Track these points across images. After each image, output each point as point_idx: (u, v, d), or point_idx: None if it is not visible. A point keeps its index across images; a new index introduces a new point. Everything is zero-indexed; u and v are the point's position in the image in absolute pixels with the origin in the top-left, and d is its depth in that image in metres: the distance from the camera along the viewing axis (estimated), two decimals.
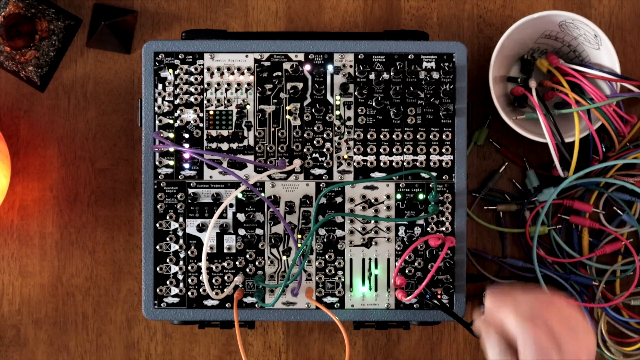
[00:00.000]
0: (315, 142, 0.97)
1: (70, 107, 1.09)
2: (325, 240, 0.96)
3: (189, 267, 0.96)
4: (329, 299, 0.97)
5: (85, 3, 1.09)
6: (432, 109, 0.96)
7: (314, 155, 0.97)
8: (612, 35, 1.09)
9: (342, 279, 0.96)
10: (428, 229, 0.96)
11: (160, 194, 0.96)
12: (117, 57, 1.09)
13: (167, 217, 0.96)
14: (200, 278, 0.96)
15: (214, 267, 0.96)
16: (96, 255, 1.08)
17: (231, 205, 0.96)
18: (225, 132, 0.97)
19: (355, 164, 0.97)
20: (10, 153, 1.05)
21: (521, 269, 1.07)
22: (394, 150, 0.97)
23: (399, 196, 0.96)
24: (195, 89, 0.97)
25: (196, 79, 0.96)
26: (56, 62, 1.08)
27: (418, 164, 0.97)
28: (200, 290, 0.96)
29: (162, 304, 0.97)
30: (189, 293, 0.96)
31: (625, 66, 1.08)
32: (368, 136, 0.96)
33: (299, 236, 0.96)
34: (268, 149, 0.97)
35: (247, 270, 0.96)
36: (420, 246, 0.96)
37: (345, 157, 0.97)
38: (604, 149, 1.02)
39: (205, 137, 0.96)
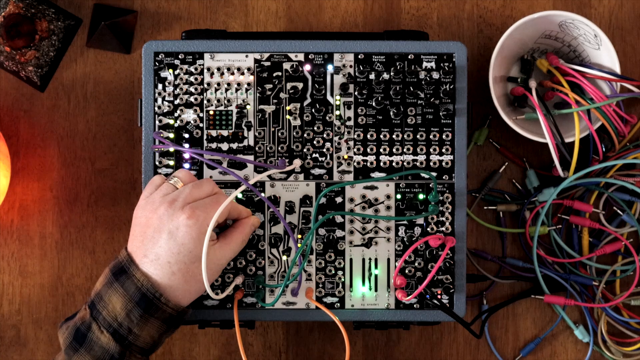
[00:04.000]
0: (315, 142, 0.96)
1: (70, 107, 1.09)
2: (325, 240, 0.96)
3: None
4: (329, 299, 0.96)
5: (85, 3, 1.09)
6: (432, 109, 0.96)
7: (314, 155, 0.97)
8: (612, 35, 1.09)
9: (342, 279, 0.96)
10: (428, 229, 0.96)
11: None
12: (117, 57, 1.09)
13: None
14: None
15: None
16: (96, 255, 1.08)
17: None
18: (225, 132, 0.96)
19: (355, 164, 0.97)
20: (10, 153, 1.05)
21: (521, 269, 1.07)
22: (394, 150, 0.97)
23: (399, 196, 0.96)
24: (195, 89, 0.97)
25: (196, 79, 0.96)
26: (56, 62, 1.08)
27: (418, 164, 0.97)
28: None
29: None
30: None
31: (625, 66, 1.08)
32: (368, 136, 0.96)
33: (299, 236, 0.96)
34: (268, 149, 0.97)
35: (248, 270, 0.96)
36: (421, 246, 0.96)
37: (345, 157, 0.97)
38: (604, 149, 1.02)
39: (205, 137, 0.96)
